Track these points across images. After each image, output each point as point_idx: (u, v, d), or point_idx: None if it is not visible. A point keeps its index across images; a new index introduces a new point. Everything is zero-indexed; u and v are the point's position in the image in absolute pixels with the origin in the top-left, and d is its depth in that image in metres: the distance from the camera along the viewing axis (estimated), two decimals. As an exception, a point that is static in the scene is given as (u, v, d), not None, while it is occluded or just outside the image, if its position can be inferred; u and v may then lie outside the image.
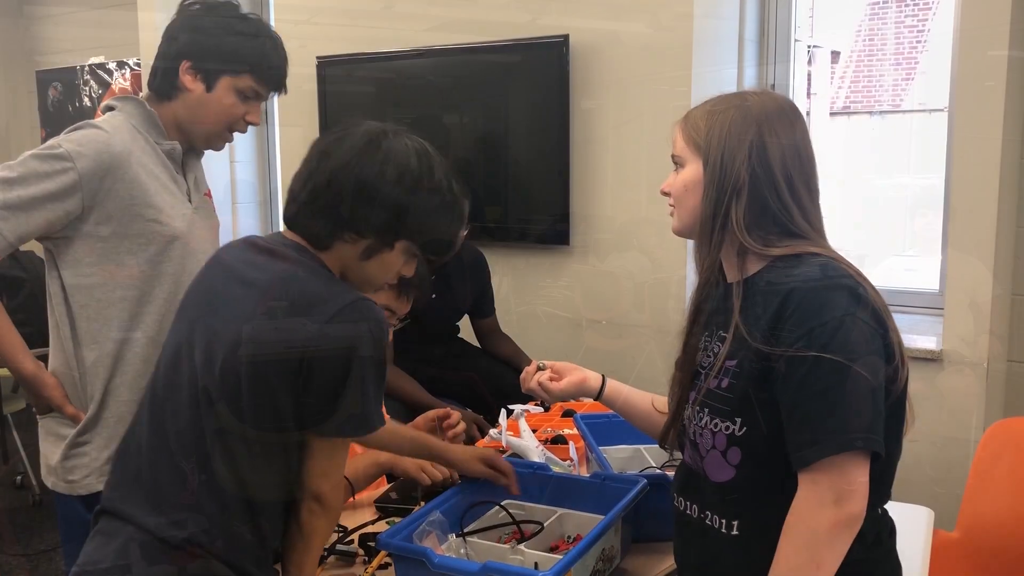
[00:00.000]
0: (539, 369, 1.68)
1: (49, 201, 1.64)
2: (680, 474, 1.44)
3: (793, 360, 1.21)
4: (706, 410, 1.32)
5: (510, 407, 2.18)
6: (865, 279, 1.30)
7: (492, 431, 2.13)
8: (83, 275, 1.70)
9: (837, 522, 1.20)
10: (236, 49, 1.75)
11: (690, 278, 2.65)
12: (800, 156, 1.33)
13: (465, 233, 2.64)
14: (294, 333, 1.25)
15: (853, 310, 1.23)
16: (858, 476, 1.20)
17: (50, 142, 1.68)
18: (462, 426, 2.03)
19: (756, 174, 1.30)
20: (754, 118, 1.31)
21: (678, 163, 1.39)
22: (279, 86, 1.84)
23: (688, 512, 1.39)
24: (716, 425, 1.31)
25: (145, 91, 1.85)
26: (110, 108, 1.80)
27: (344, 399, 1.27)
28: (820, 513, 1.20)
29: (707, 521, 1.35)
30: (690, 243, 1.42)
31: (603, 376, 1.66)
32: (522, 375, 1.69)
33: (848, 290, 1.25)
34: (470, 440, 2.47)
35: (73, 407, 1.74)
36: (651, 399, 1.63)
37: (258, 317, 1.27)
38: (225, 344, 1.27)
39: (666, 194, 1.41)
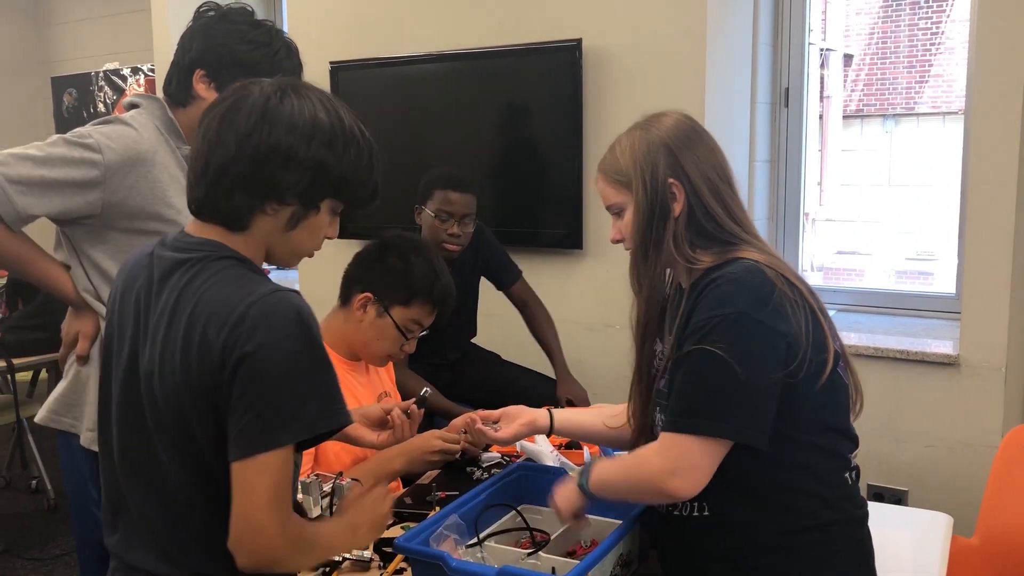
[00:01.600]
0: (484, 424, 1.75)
1: (69, 187, 1.65)
2: None
3: (686, 352, 1.33)
4: (657, 409, 1.43)
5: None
6: (788, 274, 1.36)
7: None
8: (96, 264, 1.72)
9: (661, 490, 1.32)
10: (250, 58, 1.74)
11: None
12: (713, 161, 1.42)
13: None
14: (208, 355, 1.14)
15: (747, 309, 1.30)
16: (700, 460, 1.30)
17: (81, 130, 1.69)
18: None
19: (680, 185, 1.38)
20: (659, 138, 1.40)
21: (616, 211, 1.45)
22: None
23: (661, 509, 1.46)
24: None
25: (161, 97, 1.85)
26: (133, 105, 1.81)
27: (272, 406, 1.13)
28: (656, 475, 1.32)
29: (675, 512, 1.42)
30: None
31: (549, 410, 1.74)
32: (466, 425, 1.83)
33: (749, 288, 1.32)
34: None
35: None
36: (601, 418, 1.72)
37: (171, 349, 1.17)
38: (160, 378, 1.18)
39: (619, 241, 1.47)
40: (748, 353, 1.28)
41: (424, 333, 2.02)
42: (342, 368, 1.97)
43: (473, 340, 3.01)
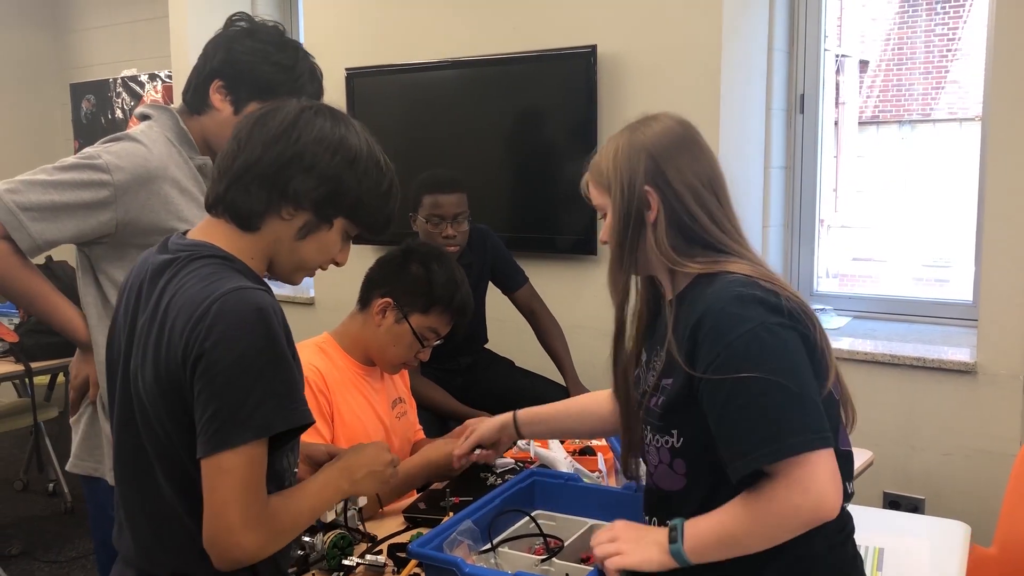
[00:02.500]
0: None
1: (81, 210, 1.64)
2: (645, 495, 1.48)
3: (715, 383, 1.24)
4: (648, 427, 1.38)
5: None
6: (781, 286, 1.32)
7: (520, 442, 2.12)
8: (116, 282, 1.71)
9: (812, 514, 1.21)
10: (271, 80, 1.72)
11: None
12: (698, 166, 1.37)
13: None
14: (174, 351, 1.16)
15: (764, 318, 1.25)
16: (825, 471, 1.21)
17: (89, 151, 1.69)
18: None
19: (659, 193, 1.35)
20: (642, 144, 1.38)
21: (602, 213, 1.44)
22: None
23: (652, 525, 1.43)
24: (658, 441, 1.37)
25: (178, 102, 1.85)
26: (145, 116, 1.80)
27: (229, 405, 1.13)
28: (801, 509, 1.21)
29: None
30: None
31: (514, 413, 1.76)
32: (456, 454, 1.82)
33: (757, 300, 1.27)
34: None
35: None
36: (582, 402, 1.74)
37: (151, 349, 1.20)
38: (144, 382, 1.21)
39: (606, 243, 1.45)
40: (788, 363, 1.24)
41: (439, 342, 2.03)
42: (357, 373, 1.98)
43: (486, 346, 3.02)
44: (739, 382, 1.22)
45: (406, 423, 2.12)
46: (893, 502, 2.79)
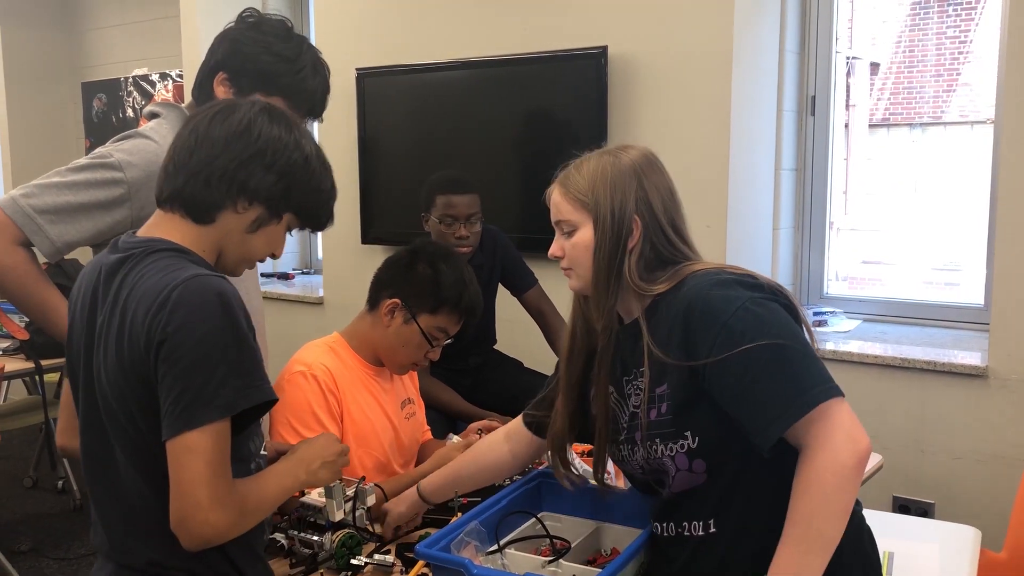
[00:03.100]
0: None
1: (97, 209, 1.65)
2: (654, 503, 1.47)
3: (722, 363, 1.26)
4: (657, 440, 1.37)
5: None
6: (749, 271, 1.36)
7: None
8: None
9: (859, 458, 1.20)
10: (272, 70, 1.72)
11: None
12: (673, 196, 1.43)
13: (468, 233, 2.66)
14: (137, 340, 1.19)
15: (748, 294, 1.29)
16: (850, 416, 1.23)
17: (101, 150, 1.69)
18: None
19: (643, 222, 1.38)
20: (630, 170, 1.41)
21: (567, 228, 1.44)
22: (312, 112, 1.80)
23: (665, 533, 1.43)
24: (671, 449, 1.36)
25: (188, 100, 1.86)
26: (154, 115, 1.81)
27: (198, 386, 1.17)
28: (840, 455, 1.20)
29: (685, 532, 1.39)
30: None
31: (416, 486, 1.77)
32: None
33: (735, 282, 1.32)
34: None
35: None
36: (475, 458, 1.76)
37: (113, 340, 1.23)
38: (108, 373, 1.24)
39: (558, 258, 1.47)
40: (783, 327, 1.27)
41: (448, 341, 2.03)
42: (367, 373, 1.98)
43: (495, 347, 3.01)
44: (745, 354, 1.24)
45: (415, 423, 2.13)
46: (903, 506, 2.78)
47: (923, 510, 2.74)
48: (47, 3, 5.33)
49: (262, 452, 1.42)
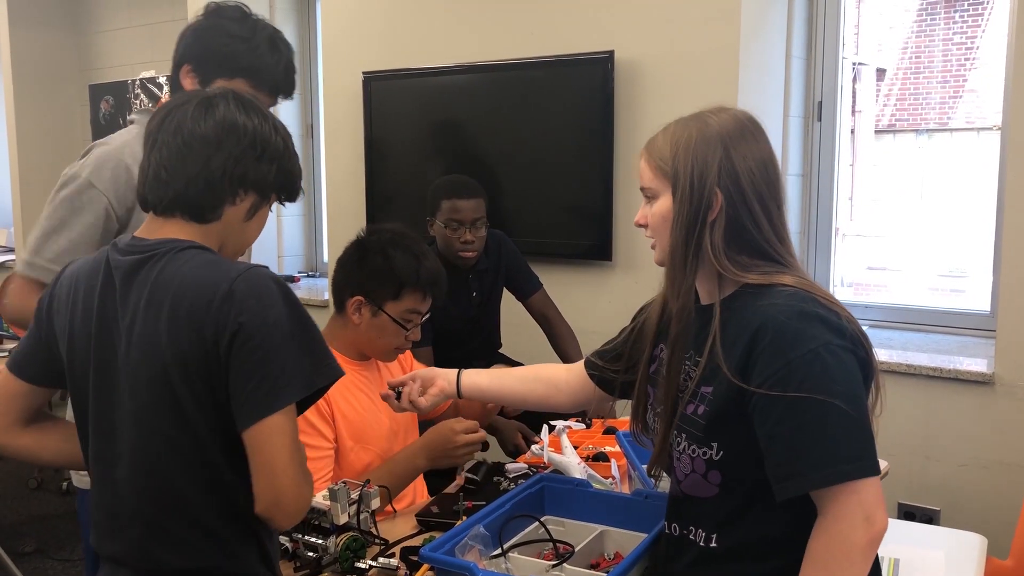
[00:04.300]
0: (397, 390, 1.72)
1: (91, 230, 1.69)
2: (669, 502, 1.44)
3: (771, 397, 1.21)
4: (683, 435, 1.33)
5: (551, 422, 2.17)
6: (837, 303, 1.29)
7: (534, 447, 2.12)
8: None
9: (871, 539, 1.19)
10: (229, 52, 1.73)
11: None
12: (767, 171, 1.31)
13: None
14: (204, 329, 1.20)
15: (827, 338, 1.22)
16: (877, 493, 1.20)
17: (68, 172, 1.72)
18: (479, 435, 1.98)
19: (726, 196, 1.28)
20: (717, 138, 1.30)
21: (650, 195, 1.37)
22: (278, 90, 1.79)
23: (672, 532, 1.41)
24: (693, 451, 1.32)
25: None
26: (132, 122, 1.84)
27: (281, 366, 1.20)
28: (853, 534, 1.18)
29: (690, 536, 1.37)
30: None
31: (459, 373, 1.71)
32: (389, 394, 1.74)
33: (819, 319, 1.24)
34: (515, 450, 2.46)
35: None
36: (533, 383, 1.70)
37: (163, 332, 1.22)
38: (149, 369, 1.23)
39: (642, 226, 1.39)
40: (846, 387, 1.21)
41: (427, 316, 2.03)
42: (354, 371, 1.99)
43: (500, 351, 3.01)
44: (798, 401, 1.19)
45: (407, 415, 2.12)
46: (908, 513, 2.77)
47: (929, 517, 2.73)
48: (55, 6, 5.35)
49: None
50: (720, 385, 1.28)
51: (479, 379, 1.72)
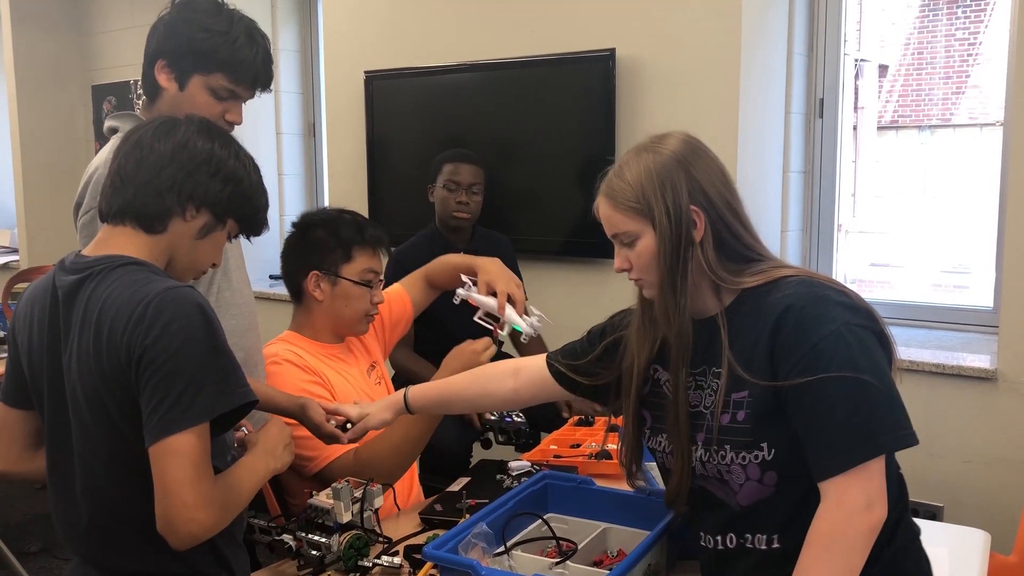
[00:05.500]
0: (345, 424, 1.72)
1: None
2: (704, 512, 1.42)
3: (800, 384, 1.24)
4: (727, 447, 1.33)
5: (465, 279, 2.09)
6: (840, 284, 1.33)
7: (459, 290, 2.07)
8: None
9: (871, 527, 1.22)
10: (207, 47, 1.69)
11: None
12: (726, 180, 1.36)
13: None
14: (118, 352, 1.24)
15: (846, 317, 1.25)
16: (881, 480, 1.24)
17: (86, 204, 1.69)
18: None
19: (704, 211, 1.32)
20: (673, 161, 1.33)
21: (626, 240, 1.38)
22: (256, 83, 1.75)
23: (723, 547, 1.39)
24: (744, 458, 1.32)
25: (137, 111, 1.83)
26: (112, 130, 1.80)
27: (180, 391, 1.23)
28: (855, 520, 1.21)
29: (747, 545, 1.35)
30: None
31: (405, 392, 1.73)
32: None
33: (834, 301, 1.27)
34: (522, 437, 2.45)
35: None
36: (482, 382, 1.70)
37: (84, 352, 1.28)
38: (84, 384, 1.29)
39: (624, 270, 1.41)
40: (872, 362, 1.24)
41: (380, 279, 2.04)
42: (329, 354, 2.01)
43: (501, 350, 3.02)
44: (827, 382, 1.22)
45: (384, 389, 2.14)
46: (912, 509, 2.77)
47: (932, 513, 2.73)
48: (57, 6, 5.35)
49: (235, 445, 1.48)
50: (754, 387, 1.29)
51: (427, 390, 1.75)
